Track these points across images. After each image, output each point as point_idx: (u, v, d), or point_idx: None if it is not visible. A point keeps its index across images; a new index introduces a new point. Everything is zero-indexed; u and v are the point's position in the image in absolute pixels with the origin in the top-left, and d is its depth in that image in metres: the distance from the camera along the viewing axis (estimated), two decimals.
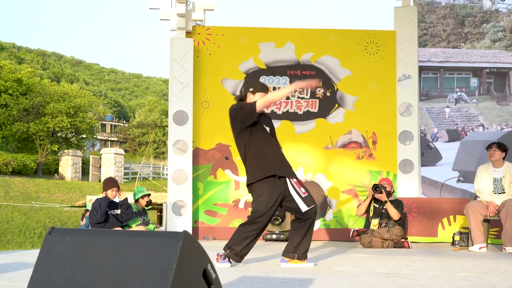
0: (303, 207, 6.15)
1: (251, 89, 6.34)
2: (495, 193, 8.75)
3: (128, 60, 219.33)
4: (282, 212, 10.31)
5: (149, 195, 10.99)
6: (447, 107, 12.59)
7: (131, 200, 10.76)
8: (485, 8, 12.62)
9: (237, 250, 6.20)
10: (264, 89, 6.36)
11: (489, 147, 8.95)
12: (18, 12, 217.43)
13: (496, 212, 8.64)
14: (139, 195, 10.80)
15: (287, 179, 6.24)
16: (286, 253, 6.24)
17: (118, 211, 9.37)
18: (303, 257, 6.22)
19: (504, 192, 8.70)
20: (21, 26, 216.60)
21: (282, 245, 6.00)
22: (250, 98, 6.30)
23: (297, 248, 6.21)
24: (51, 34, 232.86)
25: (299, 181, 6.33)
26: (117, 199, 9.50)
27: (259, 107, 6.11)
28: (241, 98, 6.42)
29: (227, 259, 6.20)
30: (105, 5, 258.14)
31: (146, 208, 11.04)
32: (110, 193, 9.26)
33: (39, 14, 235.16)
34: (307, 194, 6.23)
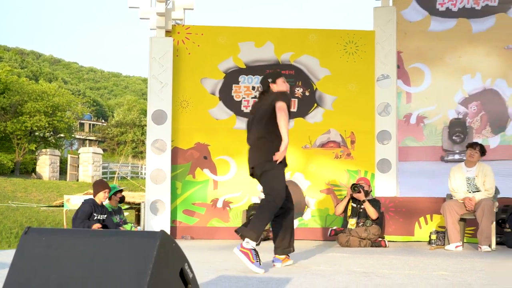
0: None
1: (270, 80, 6.41)
2: (469, 192, 8.84)
3: (107, 59, 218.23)
4: None
5: (121, 191, 10.79)
6: None
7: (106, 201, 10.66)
8: None
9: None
10: (279, 75, 6.53)
11: (471, 146, 8.97)
12: None
13: (474, 207, 8.68)
14: (112, 192, 10.51)
15: None
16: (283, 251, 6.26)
17: (104, 216, 9.30)
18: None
19: (479, 191, 8.78)
20: None
21: (262, 244, 6.00)
22: (274, 87, 6.35)
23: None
24: (30, 32, 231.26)
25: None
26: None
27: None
28: (266, 90, 6.43)
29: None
30: (84, 3, 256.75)
31: (122, 207, 10.94)
32: (102, 195, 9.20)
33: (18, 13, 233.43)
34: None
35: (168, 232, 10.04)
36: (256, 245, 5.74)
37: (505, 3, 11.55)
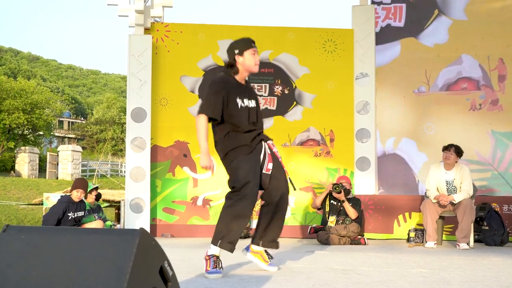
0: None
1: (237, 51, 5.58)
2: (449, 195, 8.88)
3: (86, 56, 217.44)
4: None
5: (96, 188, 10.79)
6: None
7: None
8: None
9: None
10: (249, 45, 5.68)
11: (447, 149, 8.95)
12: None
13: (449, 201, 8.69)
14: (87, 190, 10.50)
15: None
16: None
17: (81, 213, 9.26)
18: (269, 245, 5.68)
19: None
20: None
21: (241, 242, 6.00)
22: (240, 61, 5.58)
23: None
24: (8, 29, 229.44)
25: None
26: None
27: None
28: (231, 65, 5.60)
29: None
30: (63, 1, 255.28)
31: (101, 205, 10.94)
32: (75, 194, 9.18)
33: None
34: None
35: (148, 230, 10.01)
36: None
37: None
